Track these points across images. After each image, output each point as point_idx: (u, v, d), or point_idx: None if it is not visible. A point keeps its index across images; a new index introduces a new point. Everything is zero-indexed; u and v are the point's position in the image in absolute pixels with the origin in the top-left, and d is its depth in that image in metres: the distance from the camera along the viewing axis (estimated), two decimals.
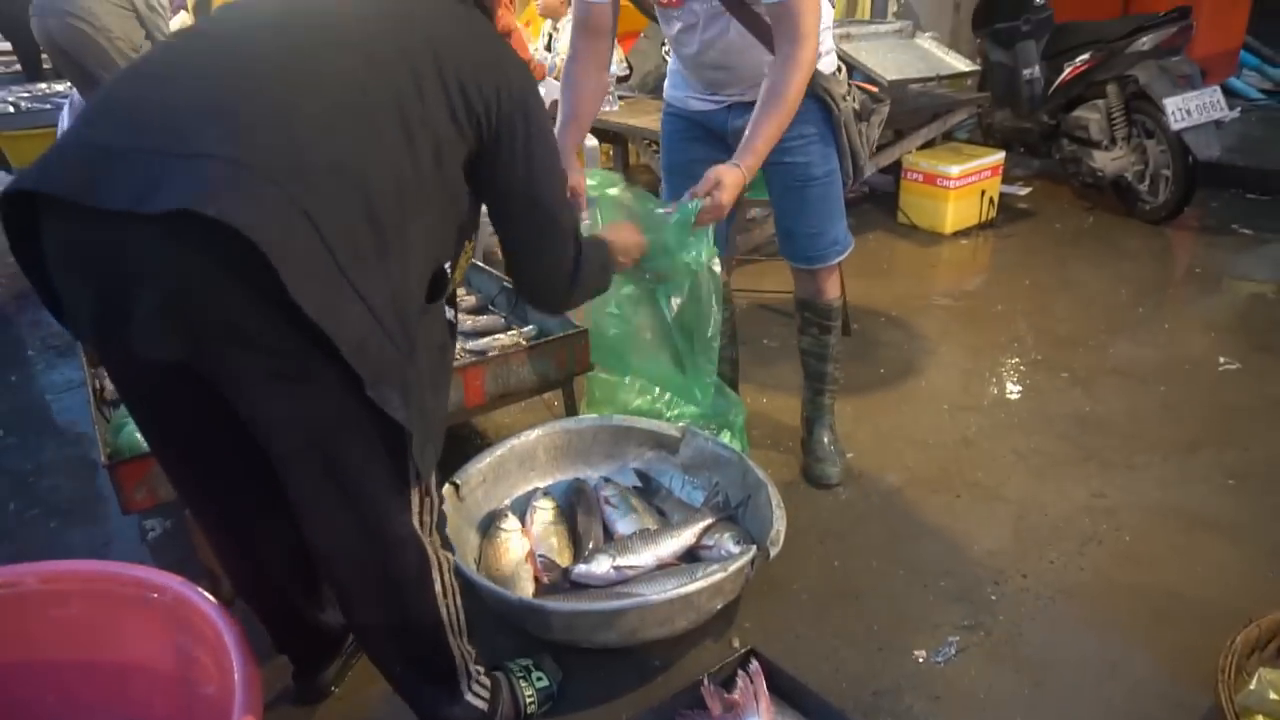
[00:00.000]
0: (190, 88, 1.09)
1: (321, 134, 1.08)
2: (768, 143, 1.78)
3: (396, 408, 1.13)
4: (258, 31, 1.17)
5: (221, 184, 1.00)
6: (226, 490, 1.40)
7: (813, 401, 2.32)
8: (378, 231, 1.10)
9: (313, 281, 1.03)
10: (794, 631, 1.81)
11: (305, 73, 1.12)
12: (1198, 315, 3.29)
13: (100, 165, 1.04)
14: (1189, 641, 1.73)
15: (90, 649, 1.46)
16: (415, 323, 1.17)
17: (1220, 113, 3.69)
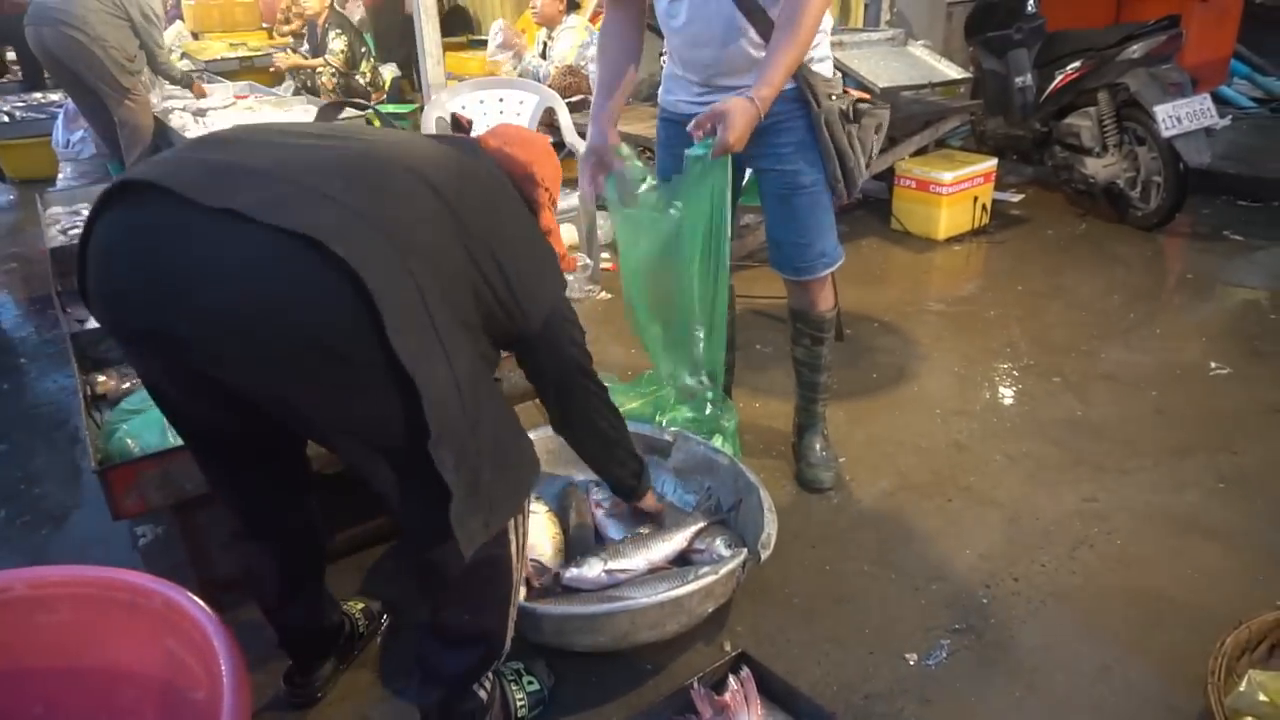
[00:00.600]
0: (320, 154, 1.19)
1: (423, 226, 1.19)
2: (783, 70, 1.75)
3: (448, 469, 1.17)
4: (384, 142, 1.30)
5: (344, 227, 1.08)
6: (252, 484, 1.45)
7: (805, 409, 2.32)
8: (458, 319, 1.22)
9: (409, 333, 1.10)
10: (785, 635, 1.81)
11: (421, 185, 1.22)
12: (1189, 321, 3.30)
13: (226, 176, 1.11)
14: (1180, 644, 1.73)
15: (79, 655, 1.45)
16: (484, 400, 1.25)
17: (1210, 120, 3.71)
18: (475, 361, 1.25)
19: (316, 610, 1.64)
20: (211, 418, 1.34)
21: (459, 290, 1.23)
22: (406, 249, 1.13)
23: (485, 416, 1.25)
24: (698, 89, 1.99)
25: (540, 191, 1.50)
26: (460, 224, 1.24)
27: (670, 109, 2.09)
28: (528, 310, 1.37)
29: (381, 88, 5.91)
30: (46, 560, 1.52)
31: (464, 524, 1.23)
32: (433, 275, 1.16)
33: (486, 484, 1.25)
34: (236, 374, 1.16)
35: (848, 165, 1.95)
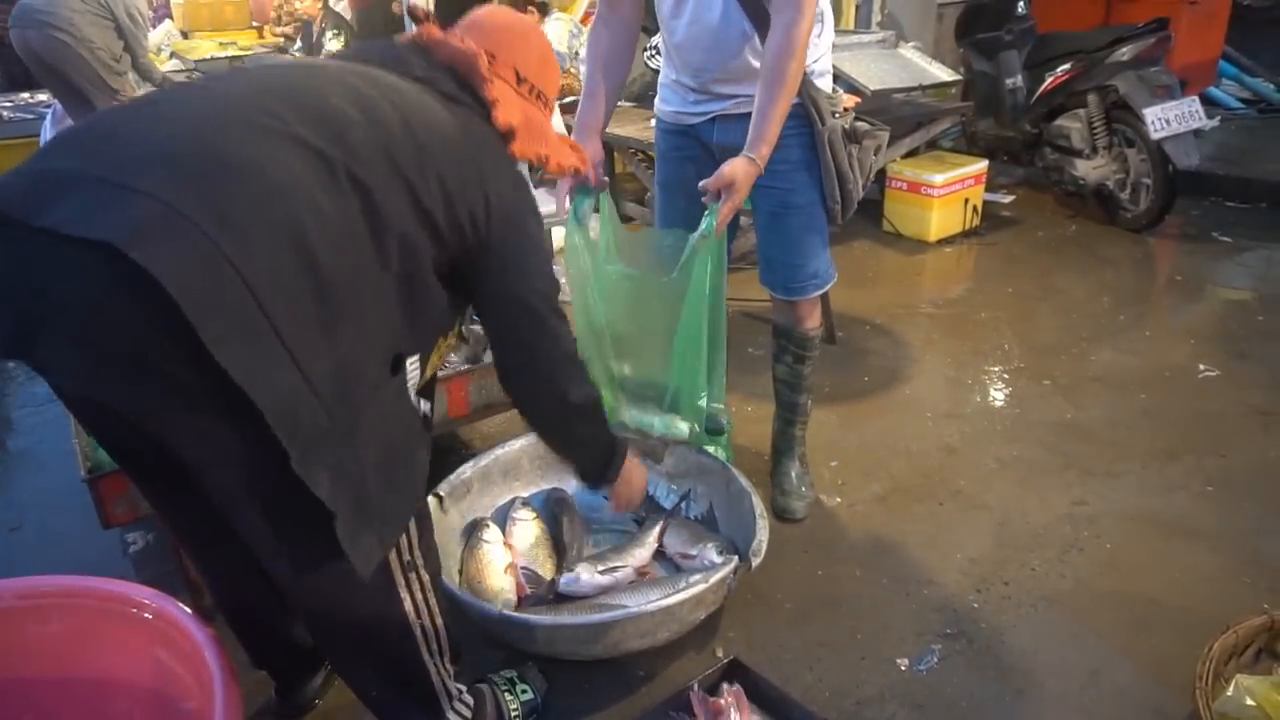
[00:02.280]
0: (153, 130, 1.08)
1: (275, 201, 1.04)
2: (775, 125, 1.74)
3: (322, 486, 1.05)
4: (249, 91, 1.15)
5: (152, 226, 0.96)
6: (188, 507, 1.36)
7: (783, 432, 2.26)
8: (324, 305, 1.05)
9: (239, 341, 0.98)
10: (777, 640, 1.82)
11: (278, 140, 1.08)
12: (1178, 323, 3.32)
13: (46, 186, 1.02)
14: (1168, 648, 1.74)
15: (69, 665, 1.44)
16: (362, 401, 1.11)
17: (1199, 122, 3.73)
18: (349, 356, 1.08)
19: (287, 634, 1.58)
20: (119, 437, 1.25)
21: (346, 255, 1.08)
22: (239, 237, 0.98)
23: (365, 418, 1.11)
24: (695, 95, 1.95)
25: (488, 85, 1.31)
26: (343, 170, 1.09)
27: (669, 120, 2.05)
28: (446, 230, 1.21)
29: None
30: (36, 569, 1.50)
31: (356, 543, 1.11)
32: (285, 260, 1.02)
33: (376, 494, 1.13)
34: (103, 396, 1.07)
35: (846, 188, 1.91)
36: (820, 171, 1.90)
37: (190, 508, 1.36)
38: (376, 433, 1.14)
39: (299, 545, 1.16)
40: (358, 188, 1.11)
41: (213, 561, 1.49)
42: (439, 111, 1.25)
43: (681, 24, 1.87)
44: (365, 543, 1.14)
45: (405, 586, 1.30)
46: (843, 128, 1.89)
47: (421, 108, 1.24)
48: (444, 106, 1.26)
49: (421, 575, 1.33)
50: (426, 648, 1.37)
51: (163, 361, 1.00)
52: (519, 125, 1.34)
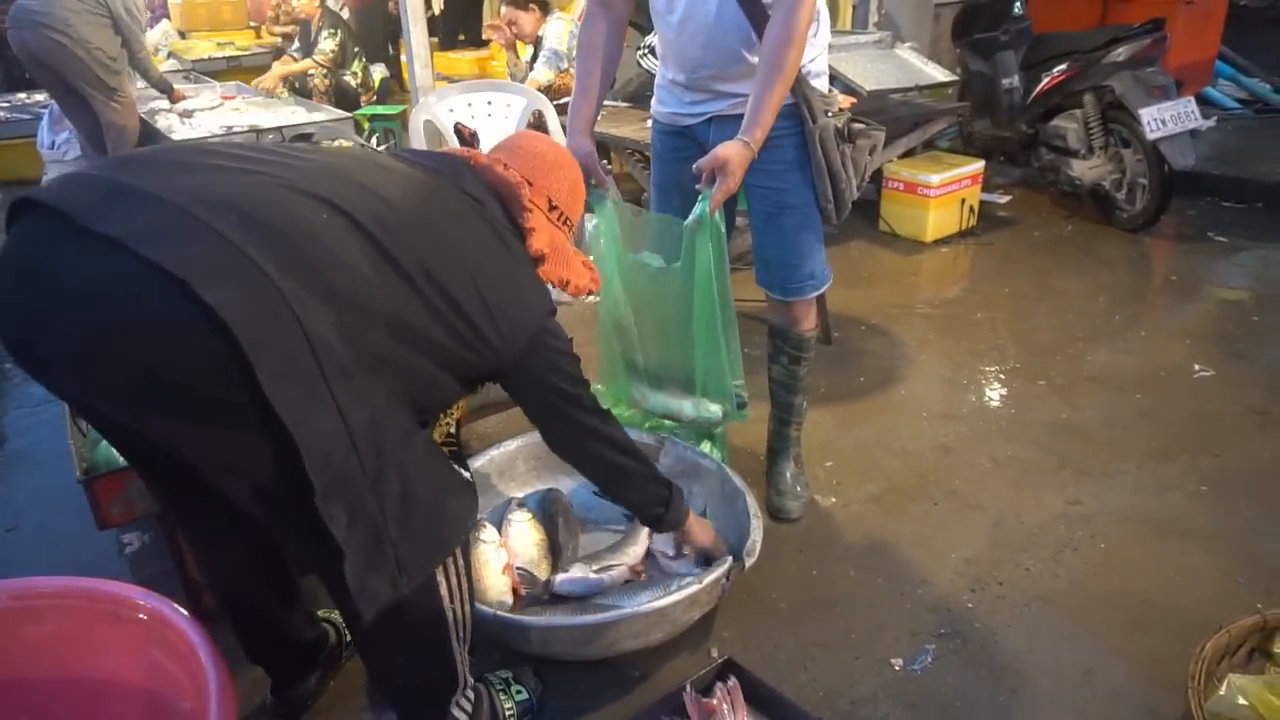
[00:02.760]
0: (224, 179, 1.14)
1: (331, 269, 1.12)
2: (771, 110, 1.75)
3: (338, 526, 1.11)
4: (316, 168, 1.22)
5: (223, 267, 1.03)
6: (193, 504, 1.40)
7: (778, 432, 2.27)
8: (364, 366, 1.13)
9: (287, 382, 1.04)
10: (771, 640, 1.82)
11: (340, 218, 1.15)
12: (1174, 323, 3.33)
13: (117, 200, 1.06)
14: (1162, 648, 1.75)
15: (64, 666, 1.45)
16: (391, 451, 1.17)
17: (1195, 122, 3.74)
18: (384, 408, 1.17)
19: (285, 632, 1.60)
20: (127, 435, 1.28)
21: (378, 329, 1.16)
22: (299, 292, 1.06)
23: (392, 470, 1.17)
24: (691, 96, 1.95)
25: (528, 214, 1.42)
26: (389, 258, 1.17)
27: (665, 121, 2.06)
28: (494, 344, 1.31)
29: (371, 88, 5.90)
30: (33, 571, 1.51)
31: (363, 583, 1.16)
32: (333, 318, 1.09)
33: (393, 540, 1.18)
34: (97, 400, 1.11)
35: (839, 187, 1.91)
36: (813, 171, 1.90)
37: (195, 506, 1.39)
38: (402, 482, 1.20)
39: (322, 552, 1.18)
40: (403, 279, 1.19)
41: (215, 557, 1.50)
42: (486, 234, 1.36)
43: (675, 19, 1.88)
44: (373, 584, 1.18)
45: (443, 570, 1.33)
46: (836, 127, 1.90)
47: (471, 227, 1.34)
48: (490, 229, 1.36)
49: (458, 560, 1.36)
50: (455, 634, 1.40)
51: (198, 384, 1.04)
52: (549, 252, 1.45)
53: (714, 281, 1.84)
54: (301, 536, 1.18)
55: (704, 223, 1.80)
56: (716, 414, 1.99)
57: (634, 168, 4.23)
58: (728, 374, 1.94)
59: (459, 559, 1.36)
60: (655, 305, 2.02)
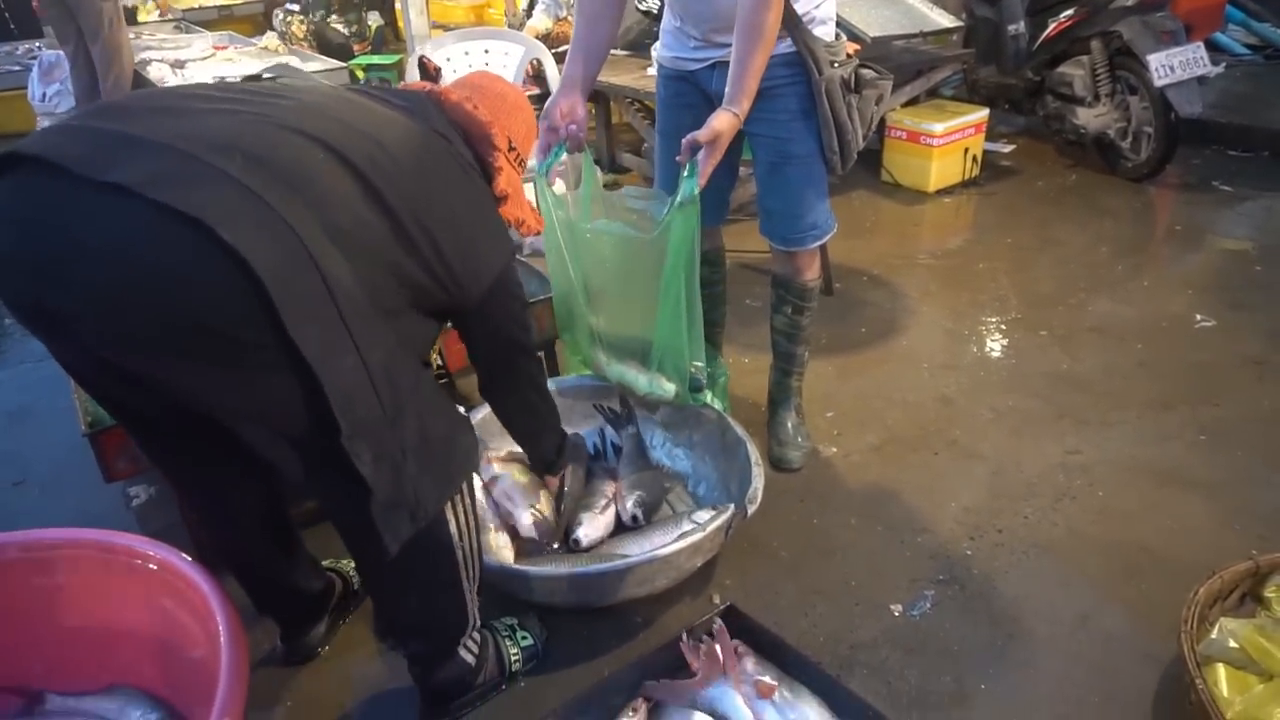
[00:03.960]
0: (215, 120, 1.12)
1: (330, 209, 1.12)
2: (754, 76, 1.73)
3: (365, 463, 1.14)
4: (297, 106, 1.21)
5: (239, 209, 1.02)
6: (188, 460, 1.39)
7: (779, 383, 2.28)
8: (376, 305, 1.16)
9: (311, 324, 1.05)
10: (773, 588, 1.85)
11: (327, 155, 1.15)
12: (1176, 273, 3.32)
13: (115, 148, 1.04)
14: (1157, 594, 1.78)
15: (76, 616, 1.48)
16: (405, 391, 1.20)
17: (1203, 69, 3.68)
18: (396, 350, 1.19)
19: (290, 584, 1.62)
20: (128, 399, 1.28)
21: (378, 271, 1.18)
22: (313, 232, 1.07)
23: (408, 408, 1.20)
24: (695, 42, 1.92)
25: (497, 154, 1.43)
26: (379, 198, 1.17)
27: (670, 66, 2.02)
28: (464, 284, 1.33)
29: (366, 37, 5.79)
30: (40, 523, 1.53)
31: (387, 520, 1.20)
32: (343, 259, 1.10)
33: (412, 478, 1.22)
34: (121, 354, 1.10)
35: (845, 138, 1.88)
36: (818, 122, 1.88)
37: (194, 463, 1.39)
38: (417, 421, 1.23)
39: (344, 495, 1.21)
40: (388, 215, 1.19)
41: (213, 513, 1.51)
42: (457, 171, 1.36)
43: None
44: (396, 519, 1.23)
45: (451, 508, 1.35)
46: (842, 77, 1.86)
47: (444, 164, 1.34)
48: (459, 167, 1.36)
49: (465, 499, 1.39)
50: (465, 572, 1.43)
51: (223, 326, 1.04)
52: (511, 192, 1.46)
53: (686, 260, 1.80)
54: (320, 479, 1.21)
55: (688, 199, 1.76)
56: (670, 392, 1.97)
57: (634, 117, 4.18)
58: (686, 354, 1.91)
59: (466, 498, 1.39)
60: (616, 274, 1.97)
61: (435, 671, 1.50)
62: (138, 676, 1.50)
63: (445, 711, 1.56)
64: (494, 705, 1.60)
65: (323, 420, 1.09)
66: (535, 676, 1.65)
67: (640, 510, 1.86)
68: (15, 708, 1.48)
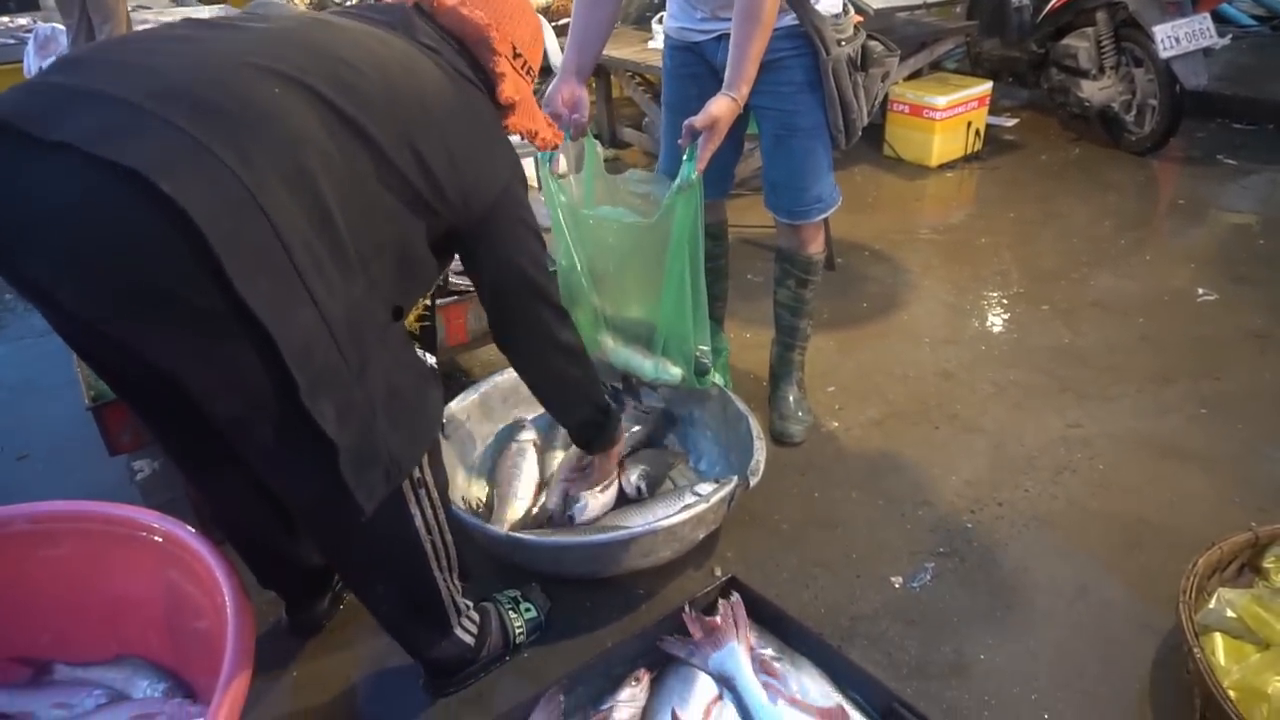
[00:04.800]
0: (170, 64, 1.06)
1: (292, 148, 1.05)
2: (753, 61, 1.72)
3: (329, 420, 1.08)
4: (264, 39, 1.14)
5: (181, 159, 0.97)
6: (187, 432, 1.35)
7: (781, 357, 2.28)
8: (337, 252, 1.08)
9: (261, 276, 1.00)
10: (774, 560, 1.86)
11: (293, 89, 1.08)
12: (1179, 247, 3.31)
13: (59, 101, 1.00)
14: (1156, 565, 1.79)
15: (82, 587, 1.49)
16: (371, 344, 1.15)
17: (1210, 40, 3.65)
18: (360, 300, 1.12)
19: (293, 557, 1.61)
20: (121, 366, 1.25)
21: (354, 207, 1.10)
22: (263, 179, 1.00)
23: (374, 361, 1.15)
24: (701, 15, 1.91)
25: (497, 59, 1.33)
26: (351, 124, 1.10)
27: (676, 37, 2.00)
28: (454, 200, 1.23)
29: None
30: (46, 498, 1.53)
31: (360, 477, 1.15)
32: (302, 204, 1.04)
33: (382, 433, 1.16)
34: (91, 317, 1.06)
35: (850, 116, 1.88)
36: (824, 95, 1.87)
37: (189, 433, 1.35)
38: (385, 374, 1.17)
39: (307, 472, 1.18)
40: (367, 144, 1.12)
41: (213, 486, 1.49)
42: (444, 82, 1.27)
43: None
44: (370, 478, 1.17)
45: (416, 503, 1.33)
46: (849, 55, 1.86)
47: (430, 76, 1.25)
48: (448, 78, 1.28)
49: (431, 493, 1.36)
50: (437, 563, 1.41)
51: (175, 286, 1.00)
52: (518, 100, 1.36)
53: (690, 244, 1.79)
54: (286, 456, 1.16)
55: (687, 183, 1.75)
56: (676, 377, 1.96)
57: (635, 91, 4.15)
58: (692, 337, 1.91)
59: (431, 492, 1.35)
60: (619, 259, 1.96)
61: (431, 654, 1.51)
62: (144, 647, 1.51)
63: (449, 683, 1.57)
64: (498, 676, 1.61)
65: (284, 380, 1.04)
66: (539, 647, 1.67)
67: (644, 483, 1.87)
68: (24, 677, 1.49)
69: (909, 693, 1.51)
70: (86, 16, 4.29)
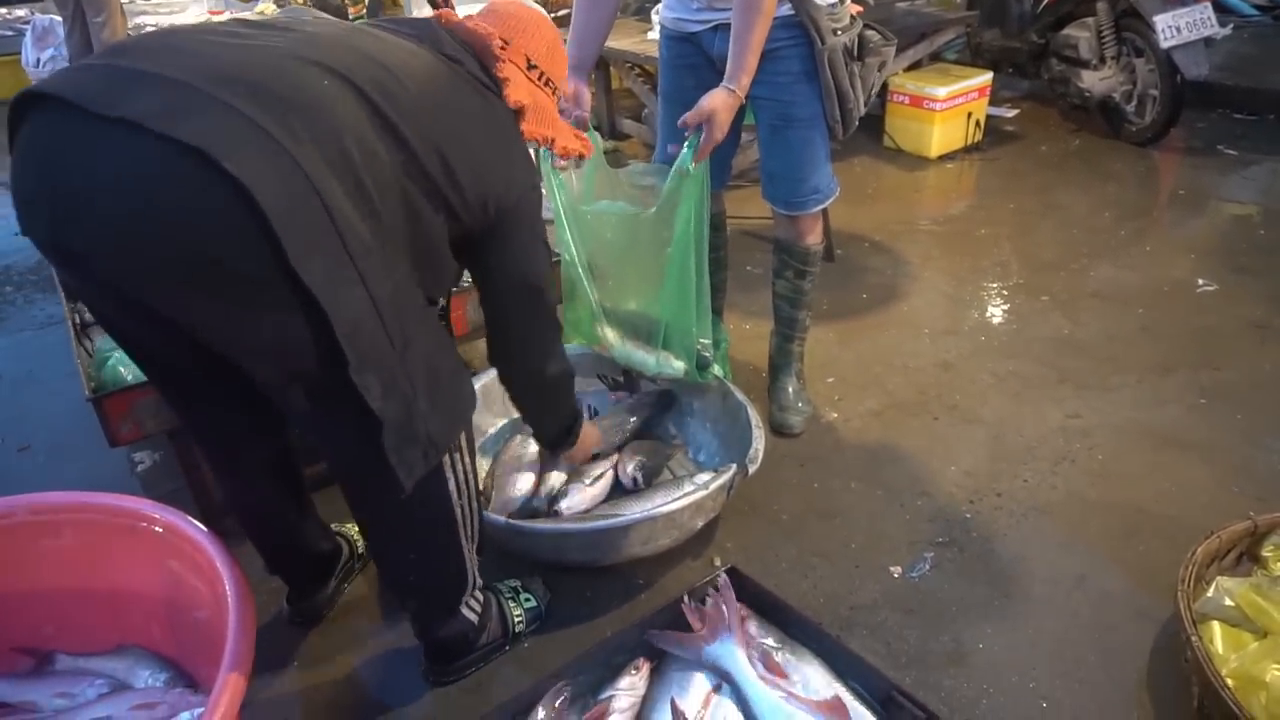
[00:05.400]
0: (227, 54, 1.10)
1: (341, 138, 1.09)
2: (754, 52, 1.73)
3: (375, 396, 1.13)
4: (311, 39, 1.19)
5: (242, 140, 1.01)
6: (209, 409, 1.41)
7: (780, 348, 2.28)
8: (380, 238, 1.13)
9: (316, 256, 1.04)
10: (773, 550, 1.87)
11: (341, 85, 1.13)
12: (1179, 238, 3.30)
13: (126, 83, 1.04)
14: (1154, 554, 1.79)
15: (84, 578, 1.49)
16: (413, 327, 1.19)
17: (1211, 29, 3.64)
18: (402, 284, 1.18)
19: (301, 541, 1.64)
20: (149, 340, 1.28)
21: (390, 200, 1.15)
22: (317, 164, 1.05)
23: (416, 343, 1.19)
24: (698, 5, 1.90)
25: (500, 65, 1.37)
26: (390, 125, 1.15)
27: (672, 27, 2.00)
28: (476, 202, 1.28)
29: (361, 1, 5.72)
30: (47, 489, 1.53)
31: (401, 454, 1.20)
32: (349, 190, 1.09)
33: (422, 413, 1.21)
34: (137, 289, 1.09)
35: (847, 105, 1.88)
36: (820, 87, 1.87)
37: (212, 411, 1.41)
38: (425, 357, 1.22)
39: (349, 441, 1.23)
40: (401, 145, 1.16)
41: (227, 462, 1.52)
42: (469, 92, 1.31)
43: None
44: (410, 456, 1.22)
45: (450, 467, 1.36)
46: (845, 45, 1.86)
47: (455, 87, 1.30)
48: (472, 88, 1.32)
49: (465, 458, 1.39)
50: (464, 531, 1.44)
51: (226, 257, 1.03)
52: (529, 104, 1.39)
53: (694, 234, 1.79)
54: (330, 422, 1.21)
55: (690, 170, 1.75)
56: (679, 371, 1.96)
57: (634, 82, 4.14)
58: (694, 330, 1.91)
59: (465, 457, 1.39)
60: (621, 252, 1.96)
61: (437, 629, 1.53)
62: (146, 637, 1.52)
63: (449, 671, 1.58)
64: (497, 665, 1.62)
65: (331, 355, 1.09)
66: (538, 637, 1.68)
67: (641, 474, 1.87)
68: (26, 667, 1.50)
69: (908, 682, 1.52)
70: (81, 9, 4.29)
